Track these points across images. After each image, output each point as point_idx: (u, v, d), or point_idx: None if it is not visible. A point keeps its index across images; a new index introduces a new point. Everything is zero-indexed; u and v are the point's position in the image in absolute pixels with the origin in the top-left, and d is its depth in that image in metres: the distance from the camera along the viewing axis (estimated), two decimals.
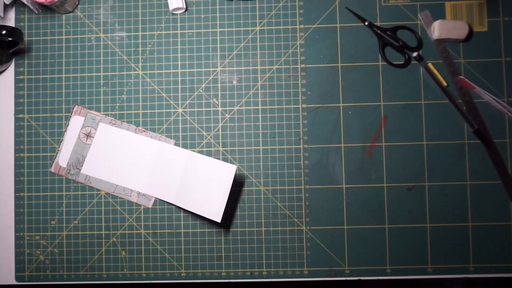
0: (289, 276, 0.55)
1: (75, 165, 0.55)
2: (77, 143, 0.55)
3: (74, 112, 0.56)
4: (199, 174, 0.50)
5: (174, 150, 0.53)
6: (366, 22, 0.55)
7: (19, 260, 0.56)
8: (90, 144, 0.56)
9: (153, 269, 0.55)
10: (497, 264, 0.53)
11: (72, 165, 0.55)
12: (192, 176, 0.51)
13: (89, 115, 0.56)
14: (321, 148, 0.55)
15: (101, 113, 0.56)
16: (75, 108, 0.56)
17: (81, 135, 0.55)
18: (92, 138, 0.55)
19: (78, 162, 0.55)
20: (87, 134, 0.55)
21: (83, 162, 0.55)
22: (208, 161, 0.51)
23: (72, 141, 0.56)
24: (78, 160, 0.55)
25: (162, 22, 0.57)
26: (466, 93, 0.54)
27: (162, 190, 0.53)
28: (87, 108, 0.56)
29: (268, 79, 0.56)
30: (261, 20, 0.56)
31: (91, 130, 0.56)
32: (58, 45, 0.58)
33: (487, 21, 0.55)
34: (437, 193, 0.54)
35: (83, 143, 0.55)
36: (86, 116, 0.56)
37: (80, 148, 0.55)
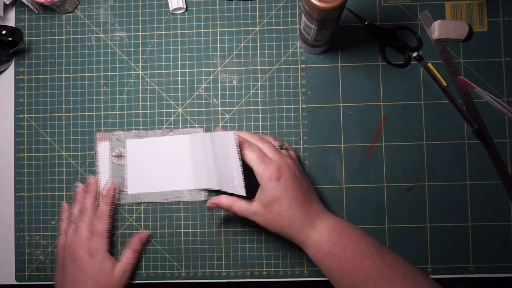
0: (289, 276, 0.55)
1: (119, 188, 0.55)
2: (113, 167, 0.55)
3: (98, 140, 0.55)
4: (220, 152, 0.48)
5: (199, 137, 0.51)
6: (366, 22, 0.55)
7: (19, 260, 0.56)
8: (125, 163, 0.55)
9: (153, 269, 0.55)
10: (497, 264, 0.53)
11: (116, 190, 0.55)
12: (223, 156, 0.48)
13: (113, 137, 0.55)
14: (321, 148, 0.55)
15: (125, 131, 0.56)
16: (98, 135, 0.56)
17: (113, 159, 0.55)
18: (124, 157, 0.55)
19: (121, 185, 0.55)
20: (118, 156, 0.55)
21: (125, 183, 0.55)
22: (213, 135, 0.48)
23: (106, 167, 0.55)
24: (119, 182, 0.55)
25: (162, 22, 0.57)
26: (466, 93, 0.54)
27: (206, 180, 0.51)
28: (110, 131, 0.56)
29: (268, 79, 0.56)
30: (261, 20, 0.56)
31: (121, 150, 0.55)
32: (58, 45, 0.58)
33: (487, 21, 0.55)
34: (437, 193, 0.54)
35: (118, 165, 0.55)
36: (111, 139, 0.55)
37: (117, 171, 0.55)
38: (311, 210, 0.44)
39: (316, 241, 0.43)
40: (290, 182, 0.43)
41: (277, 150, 0.45)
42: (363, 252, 0.41)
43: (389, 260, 0.41)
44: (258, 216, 0.44)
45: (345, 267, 0.41)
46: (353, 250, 0.42)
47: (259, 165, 0.43)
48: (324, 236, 0.43)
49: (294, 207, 0.43)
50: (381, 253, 0.42)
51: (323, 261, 0.43)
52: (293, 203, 0.43)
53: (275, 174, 0.42)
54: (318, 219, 0.44)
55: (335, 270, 0.42)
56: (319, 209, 0.45)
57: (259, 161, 0.43)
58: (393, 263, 0.41)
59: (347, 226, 0.44)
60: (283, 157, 0.44)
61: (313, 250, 0.43)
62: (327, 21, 0.44)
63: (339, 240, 0.42)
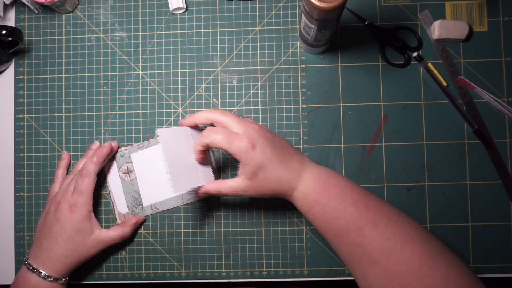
0: (289, 276, 0.55)
1: (135, 203, 0.55)
2: (124, 184, 0.55)
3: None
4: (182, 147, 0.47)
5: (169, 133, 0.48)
6: (366, 22, 0.55)
7: (19, 260, 0.56)
8: (135, 177, 0.55)
9: (153, 269, 0.55)
10: (497, 264, 0.53)
11: (133, 206, 0.55)
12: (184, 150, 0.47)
13: (118, 155, 0.55)
14: (321, 148, 0.55)
15: (126, 146, 0.55)
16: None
17: (122, 176, 0.55)
18: (133, 172, 0.55)
19: (136, 200, 0.55)
20: (127, 172, 0.55)
21: (139, 197, 0.55)
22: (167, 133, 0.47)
23: (118, 186, 0.55)
24: (135, 198, 0.55)
25: (162, 22, 0.57)
26: (466, 93, 0.54)
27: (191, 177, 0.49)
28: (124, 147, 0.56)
29: (268, 79, 0.56)
30: (261, 20, 0.56)
31: (128, 166, 0.55)
32: (58, 45, 0.58)
33: (487, 21, 0.55)
34: (437, 193, 0.54)
35: (128, 181, 0.55)
36: (116, 158, 0.55)
37: (129, 187, 0.55)
38: (293, 163, 0.44)
39: (301, 191, 0.43)
40: (265, 146, 0.43)
41: (240, 119, 0.45)
42: (347, 199, 0.41)
43: (373, 206, 0.41)
44: (248, 190, 0.44)
45: (329, 214, 0.42)
46: (337, 197, 0.42)
47: (231, 144, 0.43)
48: (309, 185, 0.43)
49: (277, 166, 0.43)
50: (365, 199, 0.42)
51: (309, 210, 0.43)
52: (275, 163, 0.43)
53: (249, 145, 0.42)
54: (302, 170, 0.44)
55: (320, 218, 0.42)
56: (301, 160, 0.45)
57: (229, 140, 0.43)
58: (377, 208, 0.41)
59: (330, 174, 0.44)
60: (248, 125, 0.44)
61: (300, 201, 0.44)
62: (327, 21, 0.44)
63: (323, 188, 0.42)
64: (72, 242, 0.49)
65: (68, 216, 0.49)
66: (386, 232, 0.39)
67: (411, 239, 0.39)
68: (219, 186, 0.45)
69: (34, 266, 0.49)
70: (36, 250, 0.50)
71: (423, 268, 0.37)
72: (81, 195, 0.49)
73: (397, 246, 0.38)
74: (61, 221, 0.49)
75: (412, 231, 0.40)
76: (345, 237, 0.41)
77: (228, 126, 0.44)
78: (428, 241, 0.39)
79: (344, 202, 0.41)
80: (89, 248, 0.50)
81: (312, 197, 0.43)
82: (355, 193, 0.42)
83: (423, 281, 0.37)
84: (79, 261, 0.50)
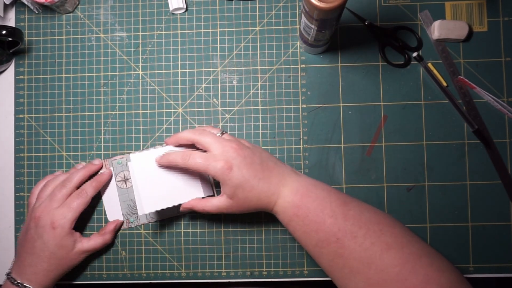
0: (289, 276, 0.55)
1: (130, 212, 0.55)
2: (120, 193, 0.55)
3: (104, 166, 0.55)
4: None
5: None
6: (366, 22, 0.55)
7: None
8: (131, 185, 0.55)
9: (153, 269, 0.55)
10: (497, 264, 0.53)
11: (128, 214, 0.55)
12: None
13: (115, 162, 0.55)
14: (321, 148, 0.55)
15: (125, 154, 0.55)
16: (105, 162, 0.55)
17: (119, 184, 0.55)
18: (130, 180, 0.55)
19: (131, 208, 0.55)
20: (123, 180, 0.55)
21: (135, 205, 0.55)
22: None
23: (114, 194, 0.55)
24: (130, 206, 0.55)
25: (162, 22, 0.57)
26: (466, 93, 0.54)
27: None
28: (110, 157, 0.55)
29: (268, 79, 0.56)
30: (261, 20, 0.56)
31: (125, 174, 0.55)
32: (58, 45, 0.58)
33: (487, 21, 0.55)
34: (437, 193, 0.54)
35: (124, 189, 0.55)
36: (112, 165, 0.55)
37: (125, 195, 0.55)
38: (272, 179, 0.45)
39: (281, 206, 0.44)
40: (242, 166, 0.44)
41: (217, 138, 0.46)
42: (325, 211, 0.42)
43: (351, 216, 0.42)
44: (230, 208, 0.46)
45: (308, 227, 0.42)
46: (315, 210, 0.42)
47: (208, 167, 0.44)
48: (287, 200, 0.44)
49: (255, 185, 0.44)
50: (344, 209, 0.42)
51: (289, 223, 0.44)
52: (253, 182, 0.44)
53: (226, 167, 0.43)
54: (281, 185, 0.45)
55: (300, 231, 0.43)
56: (280, 174, 0.45)
57: (205, 163, 0.44)
58: (356, 218, 0.41)
59: (309, 187, 0.44)
60: (226, 145, 0.45)
61: (280, 215, 0.45)
62: (327, 21, 0.44)
63: (301, 202, 0.43)
64: (56, 257, 0.49)
65: (50, 233, 0.49)
66: (365, 242, 0.40)
67: (390, 246, 0.39)
68: (204, 205, 0.47)
69: (18, 280, 0.49)
70: (20, 265, 0.50)
71: (402, 273, 0.38)
72: (71, 211, 0.49)
73: (376, 255, 0.39)
74: (44, 237, 0.49)
75: (391, 238, 0.40)
76: (325, 249, 0.42)
77: (207, 147, 0.46)
78: (407, 246, 0.40)
79: (322, 214, 0.42)
80: (72, 260, 0.51)
81: (291, 211, 0.43)
82: (334, 205, 0.43)
83: (403, 285, 0.37)
84: (64, 272, 0.51)
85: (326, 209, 0.42)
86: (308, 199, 0.43)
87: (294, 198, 0.44)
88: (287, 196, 0.44)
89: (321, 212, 0.42)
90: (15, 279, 0.49)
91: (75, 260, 0.51)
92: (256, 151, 0.46)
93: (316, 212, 0.42)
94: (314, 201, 0.43)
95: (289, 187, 0.44)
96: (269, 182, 0.44)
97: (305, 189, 0.44)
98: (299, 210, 0.43)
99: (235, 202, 0.45)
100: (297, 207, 0.43)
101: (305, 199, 0.43)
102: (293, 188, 0.44)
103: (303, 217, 0.43)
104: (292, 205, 0.43)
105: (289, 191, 0.44)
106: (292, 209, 0.43)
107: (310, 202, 0.43)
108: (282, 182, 0.45)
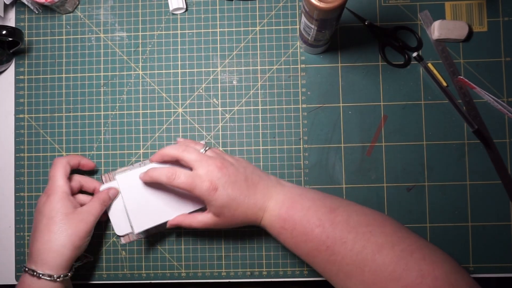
0: (289, 276, 0.55)
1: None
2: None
3: (104, 181, 0.54)
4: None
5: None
6: (366, 22, 0.55)
7: (19, 260, 0.56)
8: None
9: (153, 269, 0.55)
10: (497, 264, 0.53)
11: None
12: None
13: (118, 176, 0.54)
14: (321, 148, 0.55)
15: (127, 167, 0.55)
16: (103, 177, 0.54)
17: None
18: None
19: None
20: None
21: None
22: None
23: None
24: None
25: (162, 22, 0.57)
26: (466, 93, 0.54)
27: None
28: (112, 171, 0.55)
29: (268, 79, 0.56)
30: (261, 20, 0.56)
31: None
32: (58, 45, 0.58)
33: (487, 21, 0.55)
34: (437, 193, 0.54)
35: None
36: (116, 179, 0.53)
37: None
38: (257, 195, 0.45)
39: (268, 220, 0.45)
40: (227, 185, 0.44)
41: (202, 156, 0.46)
42: (312, 221, 0.42)
43: (339, 221, 0.42)
44: (218, 224, 0.46)
45: (297, 239, 0.43)
46: (302, 221, 0.42)
47: (194, 188, 0.44)
48: (274, 214, 0.44)
49: (241, 203, 0.44)
50: (331, 216, 0.42)
51: (278, 236, 0.45)
52: (238, 201, 0.44)
53: (211, 188, 0.44)
54: (267, 199, 0.45)
55: (290, 242, 0.44)
56: (266, 188, 0.46)
57: (190, 184, 0.44)
58: (344, 223, 0.41)
59: (295, 197, 0.45)
60: (209, 163, 0.45)
61: (268, 229, 0.45)
62: (327, 21, 0.44)
63: (288, 215, 0.43)
64: (56, 223, 0.47)
65: (46, 202, 0.48)
66: (356, 246, 0.40)
67: (381, 246, 0.39)
68: (191, 221, 0.48)
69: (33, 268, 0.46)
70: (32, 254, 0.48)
71: (396, 271, 0.38)
72: (63, 178, 0.49)
73: (368, 257, 0.39)
74: (43, 211, 0.48)
75: (381, 238, 0.40)
76: (317, 258, 0.42)
77: (191, 165, 0.46)
78: (398, 243, 0.40)
79: (309, 224, 0.42)
80: (77, 223, 0.47)
81: (278, 224, 0.44)
82: (320, 213, 0.43)
83: (399, 283, 0.38)
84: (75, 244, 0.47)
85: (313, 218, 0.42)
86: (294, 211, 0.43)
87: (280, 211, 0.44)
88: (272, 210, 0.44)
89: (307, 222, 0.42)
90: (30, 268, 0.47)
91: (79, 224, 0.47)
92: (240, 166, 0.47)
93: (302, 223, 0.42)
94: (300, 211, 0.43)
95: (274, 200, 0.45)
96: (255, 198, 0.45)
97: (291, 201, 0.44)
98: (285, 223, 0.43)
99: (222, 220, 0.45)
100: (284, 220, 0.43)
101: (291, 211, 0.43)
102: (278, 200, 0.45)
103: (290, 230, 0.43)
104: (279, 218, 0.44)
105: (274, 205, 0.44)
106: (279, 222, 0.44)
107: (296, 214, 0.43)
108: (268, 196, 0.45)
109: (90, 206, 0.49)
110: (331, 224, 0.42)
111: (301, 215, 0.43)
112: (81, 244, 0.48)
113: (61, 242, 0.47)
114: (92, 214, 0.49)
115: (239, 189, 0.44)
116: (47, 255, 0.47)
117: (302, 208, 0.43)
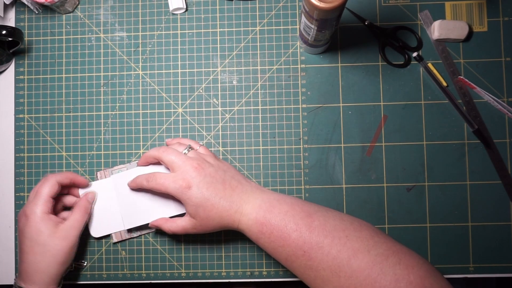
0: (289, 276, 0.55)
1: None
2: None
3: (99, 178, 0.55)
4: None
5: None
6: (366, 22, 0.55)
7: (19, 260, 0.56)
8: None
9: (153, 269, 0.55)
10: (497, 264, 0.53)
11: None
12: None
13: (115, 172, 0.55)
14: (321, 148, 0.55)
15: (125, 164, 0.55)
16: (99, 174, 0.55)
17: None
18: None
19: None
20: None
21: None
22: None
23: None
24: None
25: (162, 22, 0.57)
26: (466, 93, 0.54)
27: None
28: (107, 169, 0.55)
29: (268, 79, 0.56)
30: (261, 20, 0.56)
31: None
32: (58, 45, 0.58)
33: (487, 21, 0.55)
34: (437, 193, 0.54)
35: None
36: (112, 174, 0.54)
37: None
38: (234, 197, 0.45)
39: (245, 224, 0.44)
40: (202, 185, 0.44)
41: (180, 156, 0.46)
42: (289, 225, 0.42)
43: (316, 226, 0.42)
44: (195, 227, 0.46)
45: (275, 244, 0.43)
46: (279, 226, 0.42)
47: (168, 187, 0.45)
48: (251, 218, 0.44)
49: (216, 204, 0.44)
50: (308, 221, 0.42)
51: (256, 240, 0.44)
52: (213, 201, 0.44)
53: (184, 185, 0.44)
54: (243, 202, 0.45)
55: (268, 247, 0.44)
56: (243, 192, 0.46)
57: (165, 183, 0.45)
58: (321, 228, 0.41)
59: (272, 202, 0.44)
60: (186, 163, 0.46)
61: (247, 233, 0.45)
62: (327, 21, 0.44)
63: (265, 219, 0.43)
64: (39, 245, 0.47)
65: (26, 223, 0.47)
66: (332, 251, 0.40)
67: (357, 251, 0.39)
68: (170, 225, 0.48)
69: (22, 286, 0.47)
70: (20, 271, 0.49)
71: (371, 276, 0.38)
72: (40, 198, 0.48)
73: (344, 262, 0.39)
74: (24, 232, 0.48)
75: (357, 243, 0.40)
76: (295, 263, 0.42)
77: (170, 166, 0.47)
78: (374, 248, 0.40)
79: (286, 229, 0.42)
80: (60, 242, 0.47)
81: (256, 229, 0.44)
82: (297, 218, 0.43)
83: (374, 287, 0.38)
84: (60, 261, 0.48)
85: (290, 223, 0.42)
86: (271, 215, 0.43)
87: (257, 215, 0.44)
88: (250, 214, 0.44)
89: (284, 227, 0.42)
90: (20, 286, 0.48)
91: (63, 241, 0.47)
92: (220, 169, 0.47)
93: (279, 227, 0.42)
94: (277, 216, 0.43)
95: (251, 204, 0.45)
96: (231, 200, 0.45)
97: (268, 205, 0.44)
98: (263, 227, 0.43)
99: (198, 221, 0.45)
100: (261, 224, 0.43)
101: (268, 215, 0.43)
102: (255, 205, 0.44)
103: (268, 234, 0.43)
104: (256, 222, 0.43)
105: (251, 208, 0.44)
106: (256, 227, 0.43)
107: (274, 218, 0.43)
108: (244, 200, 0.45)
109: (72, 220, 0.49)
110: (308, 228, 0.42)
111: (278, 219, 0.43)
112: (67, 260, 0.49)
113: (46, 263, 0.47)
114: (74, 228, 0.49)
115: (214, 190, 0.45)
116: (34, 275, 0.48)
117: (280, 212, 0.43)
